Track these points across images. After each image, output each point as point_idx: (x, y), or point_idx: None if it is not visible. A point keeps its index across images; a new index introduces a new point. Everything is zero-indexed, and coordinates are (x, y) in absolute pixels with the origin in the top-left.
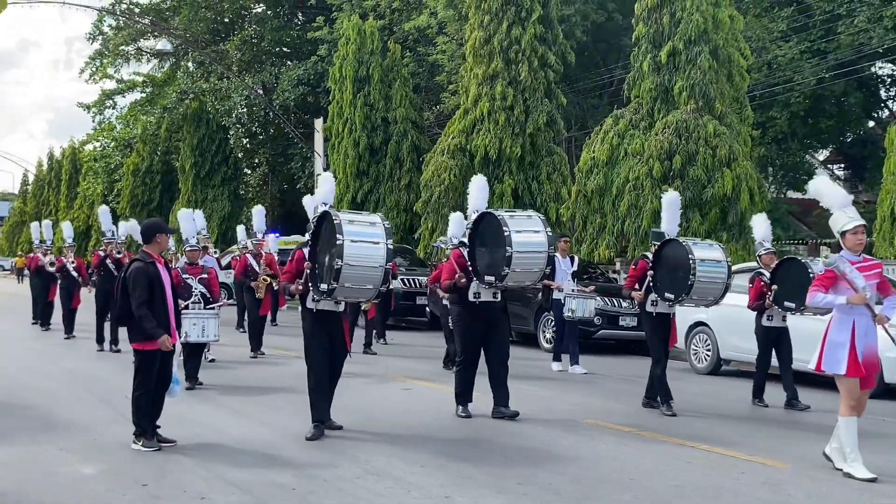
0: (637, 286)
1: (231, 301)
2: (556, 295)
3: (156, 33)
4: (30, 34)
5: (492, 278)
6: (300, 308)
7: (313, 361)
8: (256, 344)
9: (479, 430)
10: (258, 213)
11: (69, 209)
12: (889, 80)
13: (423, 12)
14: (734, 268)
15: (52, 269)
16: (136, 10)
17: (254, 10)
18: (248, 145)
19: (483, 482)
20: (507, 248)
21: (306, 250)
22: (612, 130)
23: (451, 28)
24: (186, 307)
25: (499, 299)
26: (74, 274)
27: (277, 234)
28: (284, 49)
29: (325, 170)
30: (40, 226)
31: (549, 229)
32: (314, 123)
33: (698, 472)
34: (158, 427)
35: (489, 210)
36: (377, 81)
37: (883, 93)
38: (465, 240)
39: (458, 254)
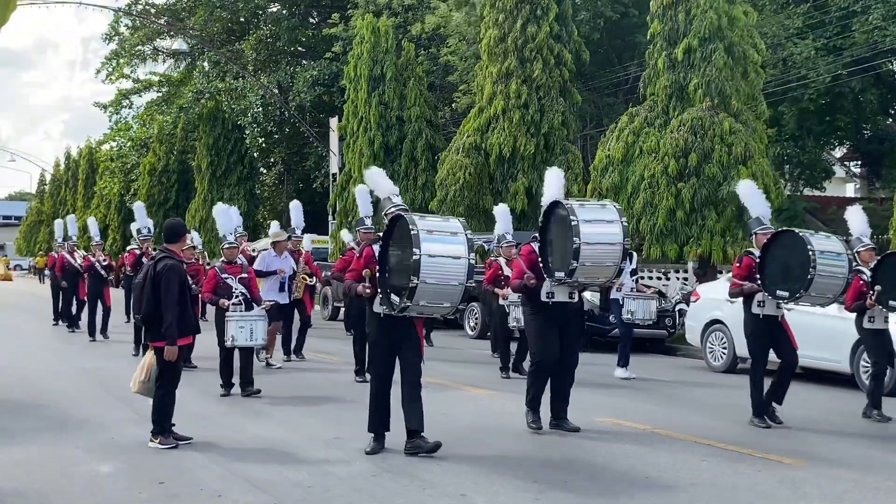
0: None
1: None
2: (613, 295)
3: (171, 33)
4: (46, 35)
5: (561, 273)
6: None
7: (377, 368)
8: (298, 347)
9: (494, 429)
10: (296, 208)
11: (86, 209)
12: None
13: (435, 13)
14: None
15: (80, 263)
16: (152, 11)
17: (269, 10)
18: (263, 144)
19: (499, 480)
20: (575, 238)
21: (376, 248)
22: (627, 128)
23: (460, 28)
24: (227, 309)
25: (575, 299)
26: (104, 273)
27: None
28: (300, 48)
29: (340, 169)
30: (64, 222)
31: (624, 220)
32: (329, 122)
33: (714, 470)
34: (173, 425)
35: (558, 199)
36: (391, 80)
37: None
38: (538, 234)
39: (530, 249)
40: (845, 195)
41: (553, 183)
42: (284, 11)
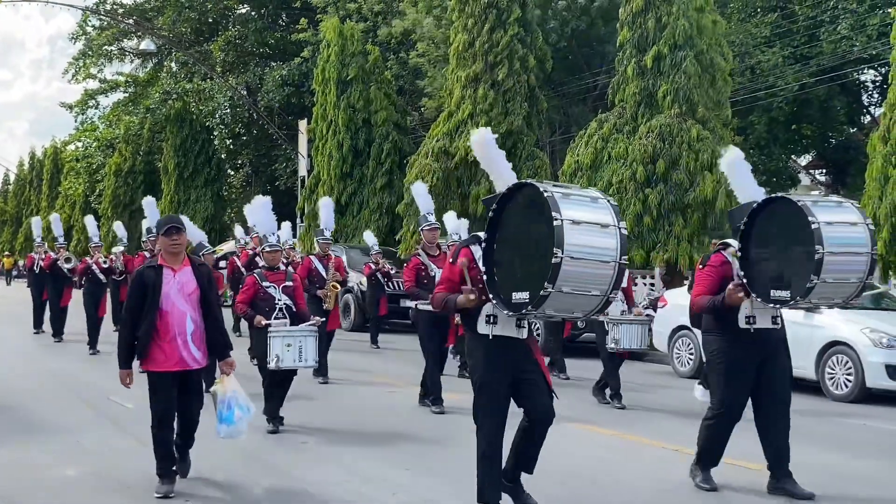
0: None
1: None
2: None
3: (139, 33)
4: (12, 33)
5: (785, 293)
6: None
7: (486, 415)
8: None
9: (467, 434)
10: (326, 206)
11: (51, 209)
12: (872, 85)
13: (404, 19)
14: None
15: (67, 266)
16: (120, 11)
17: (238, 11)
18: (231, 146)
19: (470, 485)
20: (817, 246)
21: (475, 250)
22: (596, 134)
23: (430, 34)
24: (263, 327)
25: (779, 326)
26: (101, 277)
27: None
28: (268, 50)
29: (309, 172)
30: (47, 221)
31: (870, 221)
32: (298, 125)
33: (683, 475)
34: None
35: (781, 195)
36: (358, 82)
37: (865, 98)
38: (732, 241)
39: (723, 259)
40: None
41: (744, 173)
42: (253, 13)
